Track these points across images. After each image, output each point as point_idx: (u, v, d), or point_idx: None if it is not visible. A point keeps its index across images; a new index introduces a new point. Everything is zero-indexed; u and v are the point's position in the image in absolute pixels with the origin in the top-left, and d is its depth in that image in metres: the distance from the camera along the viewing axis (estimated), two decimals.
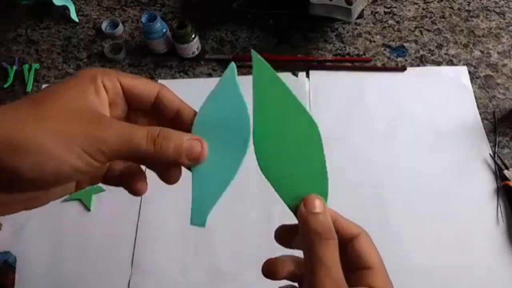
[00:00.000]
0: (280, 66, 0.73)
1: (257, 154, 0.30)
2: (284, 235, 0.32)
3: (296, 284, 0.32)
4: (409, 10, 0.79)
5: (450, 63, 0.72)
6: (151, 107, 0.31)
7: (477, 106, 0.67)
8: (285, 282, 0.32)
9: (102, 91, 0.28)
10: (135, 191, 0.32)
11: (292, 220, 0.31)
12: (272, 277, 0.31)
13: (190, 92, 0.70)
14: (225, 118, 0.30)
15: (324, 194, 0.32)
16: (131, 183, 0.32)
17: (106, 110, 0.28)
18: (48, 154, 0.24)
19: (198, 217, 0.31)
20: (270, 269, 0.31)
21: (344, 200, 0.60)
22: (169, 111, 0.31)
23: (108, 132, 0.26)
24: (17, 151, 0.24)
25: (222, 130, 0.30)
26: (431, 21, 0.77)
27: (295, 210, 0.31)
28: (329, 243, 0.28)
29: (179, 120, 0.30)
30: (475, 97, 0.68)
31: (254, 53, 0.30)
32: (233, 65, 0.31)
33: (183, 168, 0.31)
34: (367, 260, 0.29)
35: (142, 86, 0.30)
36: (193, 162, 0.29)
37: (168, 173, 0.31)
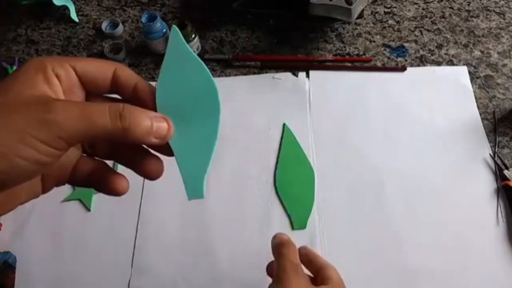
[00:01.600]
0: (280, 66, 0.73)
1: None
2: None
3: None
4: (409, 10, 0.79)
5: (450, 63, 0.72)
6: (110, 88, 0.29)
7: (477, 106, 0.67)
8: None
9: (53, 79, 0.26)
10: (112, 190, 0.30)
11: None
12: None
13: None
14: (187, 85, 0.29)
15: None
16: (104, 182, 0.30)
17: (60, 97, 0.26)
18: (1, 152, 0.22)
19: (194, 190, 0.29)
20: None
21: (344, 200, 0.60)
22: (127, 89, 0.29)
23: (62, 113, 0.23)
24: None
25: (188, 98, 0.29)
26: (431, 21, 0.77)
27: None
28: (287, 245, 0.39)
29: (139, 98, 0.29)
30: (475, 97, 0.68)
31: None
32: (175, 28, 0.30)
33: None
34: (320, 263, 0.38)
35: (96, 68, 0.29)
36: (160, 141, 0.27)
37: (150, 166, 0.29)
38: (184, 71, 0.29)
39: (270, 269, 0.44)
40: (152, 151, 0.30)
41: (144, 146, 0.29)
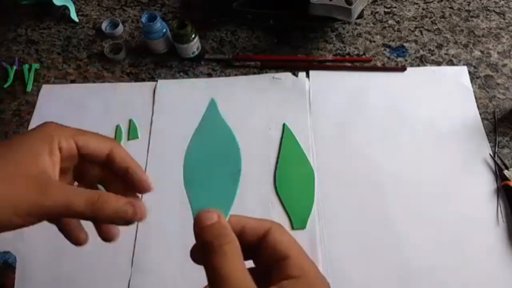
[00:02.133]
0: (280, 66, 0.73)
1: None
2: (197, 254, 0.29)
3: None
4: (409, 10, 0.79)
5: (450, 63, 0.72)
6: (104, 163, 0.35)
7: (477, 106, 0.67)
8: None
9: (56, 151, 0.32)
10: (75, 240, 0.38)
11: None
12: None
13: (190, 92, 0.71)
14: (214, 149, 0.32)
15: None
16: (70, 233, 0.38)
17: (56, 168, 0.32)
18: None
19: None
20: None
21: (344, 200, 0.60)
22: (119, 169, 0.35)
23: (51, 200, 0.30)
24: None
25: (214, 160, 0.32)
26: (431, 21, 0.77)
27: None
28: (223, 249, 0.25)
29: (128, 177, 0.34)
30: (475, 97, 0.68)
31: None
32: (214, 101, 0.34)
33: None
34: (282, 250, 0.27)
35: (95, 144, 0.34)
36: (125, 223, 0.33)
37: (106, 233, 0.37)
38: (215, 137, 0.33)
39: (194, 252, 0.29)
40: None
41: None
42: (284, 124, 0.66)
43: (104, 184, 0.37)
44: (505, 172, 0.59)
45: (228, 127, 0.33)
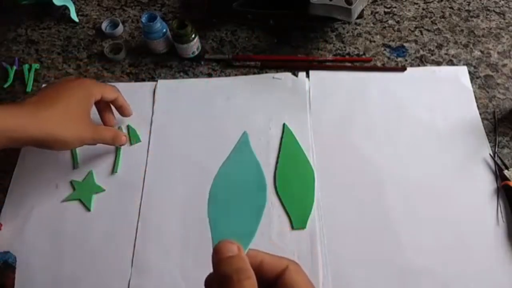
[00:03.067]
0: (280, 66, 0.73)
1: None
2: (212, 283, 0.29)
3: None
4: (409, 10, 0.79)
5: (450, 63, 0.72)
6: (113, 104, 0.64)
7: (477, 106, 0.67)
8: None
9: (92, 100, 0.58)
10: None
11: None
12: None
13: (190, 92, 0.71)
14: (242, 178, 0.33)
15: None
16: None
17: (89, 112, 0.57)
18: (67, 143, 0.54)
19: None
20: None
21: (344, 200, 0.60)
22: (112, 102, 0.64)
23: (97, 135, 0.58)
24: (54, 141, 0.52)
25: (240, 191, 0.32)
26: (431, 21, 0.77)
27: None
28: (242, 284, 0.25)
29: (116, 106, 0.65)
30: (475, 97, 0.68)
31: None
32: (246, 134, 0.37)
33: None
34: None
35: (109, 95, 0.61)
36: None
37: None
38: (243, 169, 0.34)
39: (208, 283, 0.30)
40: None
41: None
42: (284, 124, 0.66)
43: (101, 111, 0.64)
44: (505, 172, 0.60)
45: (257, 161, 0.35)
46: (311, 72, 0.71)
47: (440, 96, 0.68)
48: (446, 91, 0.69)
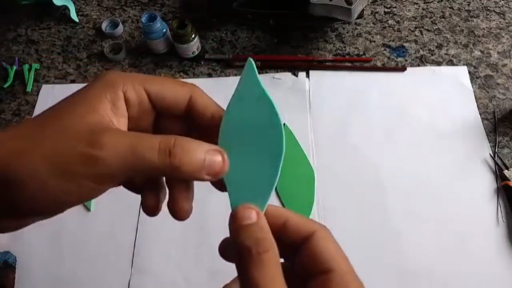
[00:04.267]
0: (280, 66, 0.73)
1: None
2: (228, 249, 0.27)
3: None
4: (409, 10, 0.79)
5: (450, 63, 0.72)
6: (183, 114, 0.28)
7: (477, 106, 0.67)
8: None
9: (119, 101, 0.25)
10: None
11: None
12: None
13: None
14: (253, 121, 0.27)
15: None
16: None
17: (121, 122, 0.25)
18: (44, 185, 0.22)
19: None
20: None
21: (344, 200, 0.60)
22: (203, 117, 0.27)
23: (110, 150, 0.22)
24: (13, 183, 0.22)
25: (252, 134, 0.27)
26: (431, 21, 0.77)
27: None
28: (262, 258, 0.22)
29: (214, 125, 0.27)
30: (475, 97, 0.68)
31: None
32: (251, 62, 0.27)
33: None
34: (325, 261, 0.24)
35: (172, 93, 0.27)
36: (212, 178, 0.25)
37: (179, 206, 0.27)
38: (253, 106, 0.27)
39: (224, 249, 0.27)
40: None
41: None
42: (284, 124, 0.66)
43: None
44: (505, 172, 0.59)
45: (270, 100, 0.27)
46: (311, 72, 0.71)
47: (440, 96, 0.68)
48: (446, 91, 0.68)
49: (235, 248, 0.23)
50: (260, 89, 0.27)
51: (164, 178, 0.28)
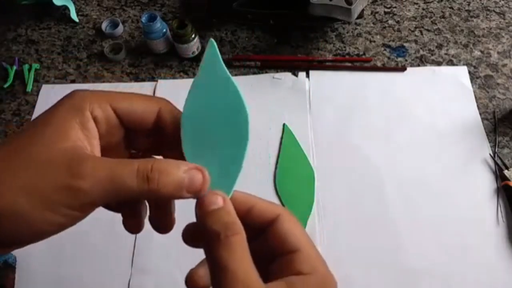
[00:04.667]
0: (280, 66, 0.73)
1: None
2: (191, 235, 0.28)
3: None
4: (409, 10, 0.79)
5: (450, 63, 0.72)
6: (152, 128, 0.28)
7: (477, 106, 0.67)
8: None
9: (90, 124, 0.25)
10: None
11: None
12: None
13: None
14: (217, 105, 0.26)
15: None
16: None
17: (94, 144, 0.25)
18: (22, 217, 0.22)
19: None
20: (191, 282, 0.28)
21: (344, 200, 0.60)
22: (173, 129, 0.27)
23: (90, 178, 0.22)
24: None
25: (216, 122, 0.26)
26: (431, 21, 0.77)
27: None
28: (230, 241, 0.23)
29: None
30: (475, 97, 0.68)
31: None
32: (212, 42, 0.26)
33: None
34: (291, 242, 0.25)
35: (140, 109, 0.27)
36: (193, 196, 0.25)
37: (160, 221, 0.29)
38: (216, 91, 0.26)
39: (188, 232, 0.29)
40: None
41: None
42: (284, 124, 0.66)
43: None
44: (505, 172, 0.59)
45: (232, 81, 0.26)
46: (311, 72, 0.71)
47: (440, 96, 0.68)
48: (446, 91, 0.68)
49: (203, 232, 0.24)
50: (223, 73, 0.26)
51: None
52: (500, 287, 0.54)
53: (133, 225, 0.29)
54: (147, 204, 0.29)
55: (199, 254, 0.62)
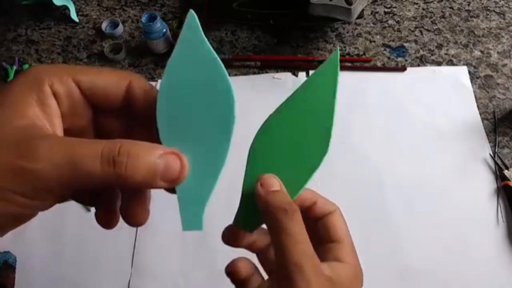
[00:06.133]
0: (280, 66, 0.73)
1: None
2: (233, 235, 0.30)
3: (249, 258, 0.31)
4: (409, 10, 0.79)
5: (450, 63, 0.72)
6: (122, 105, 0.24)
7: (477, 106, 0.67)
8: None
9: (49, 100, 0.22)
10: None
11: None
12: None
13: None
14: (197, 84, 0.23)
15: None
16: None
17: (55, 124, 0.22)
18: None
19: (191, 220, 0.26)
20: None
21: (344, 200, 0.60)
22: (143, 107, 0.24)
23: (40, 160, 0.19)
24: None
25: (196, 105, 0.23)
26: (431, 21, 0.77)
27: (248, 193, 0.28)
28: (293, 216, 0.25)
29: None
30: (475, 97, 0.68)
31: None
32: (192, 13, 0.24)
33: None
34: (335, 234, 0.29)
35: (106, 82, 0.23)
36: (169, 185, 0.22)
37: (132, 212, 0.25)
38: (196, 69, 0.24)
39: (230, 234, 0.30)
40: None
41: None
42: None
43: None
44: (505, 172, 0.59)
45: (214, 56, 0.24)
46: (311, 72, 0.71)
47: (440, 96, 0.68)
48: (446, 91, 0.68)
49: (266, 211, 0.26)
50: (205, 48, 0.24)
51: None
52: (500, 287, 0.54)
53: (105, 220, 0.26)
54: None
55: (199, 254, 0.62)
